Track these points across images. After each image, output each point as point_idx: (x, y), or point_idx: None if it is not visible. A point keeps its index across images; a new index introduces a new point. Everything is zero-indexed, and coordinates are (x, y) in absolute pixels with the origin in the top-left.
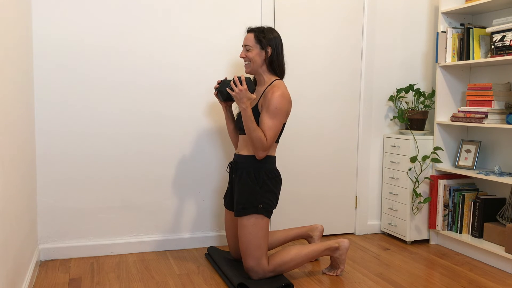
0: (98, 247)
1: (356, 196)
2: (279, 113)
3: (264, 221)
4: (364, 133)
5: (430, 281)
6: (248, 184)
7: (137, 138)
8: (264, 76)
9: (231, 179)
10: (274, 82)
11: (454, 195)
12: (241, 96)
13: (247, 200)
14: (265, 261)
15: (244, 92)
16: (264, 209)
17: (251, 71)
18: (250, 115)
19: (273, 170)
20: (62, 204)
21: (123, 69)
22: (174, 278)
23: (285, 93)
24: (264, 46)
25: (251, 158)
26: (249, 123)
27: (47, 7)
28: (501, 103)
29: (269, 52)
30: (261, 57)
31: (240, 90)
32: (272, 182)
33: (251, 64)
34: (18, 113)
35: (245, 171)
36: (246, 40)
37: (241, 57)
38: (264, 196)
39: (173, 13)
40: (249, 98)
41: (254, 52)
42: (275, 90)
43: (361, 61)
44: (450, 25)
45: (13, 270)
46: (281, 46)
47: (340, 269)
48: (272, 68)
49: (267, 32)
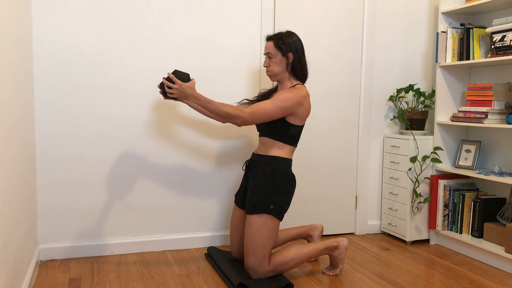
0: (98, 247)
1: (356, 196)
2: (282, 103)
3: (274, 222)
4: (364, 133)
5: (430, 281)
6: (262, 184)
7: (137, 138)
8: (288, 82)
9: (246, 177)
10: (296, 85)
11: (454, 195)
12: (181, 93)
13: (259, 199)
14: (267, 261)
15: (183, 88)
16: (275, 210)
17: (276, 79)
18: (202, 98)
19: (288, 172)
20: (62, 204)
21: (123, 70)
22: (174, 278)
23: (300, 95)
24: (284, 53)
25: (268, 158)
26: (206, 104)
27: (47, 8)
28: (501, 103)
29: (290, 58)
30: (283, 64)
31: (176, 89)
32: (287, 185)
33: (274, 73)
34: (18, 114)
35: (261, 170)
36: (267, 48)
37: (265, 66)
38: (276, 197)
39: (172, 14)
40: (189, 87)
41: (276, 60)
42: (292, 89)
43: (361, 61)
44: (450, 25)
45: (13, 270)
46: (302, 48)
47: (339, 269)
48: (295, 73)
49: (286, 38)
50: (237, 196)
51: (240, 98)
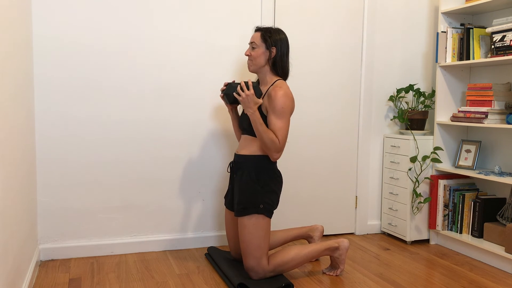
0: (98, 247)
1: (356, 196)
2: (286, 112)
3: (265, 221)
4: (364, 133)
5: (430, 281)
6: (249, 184)
7: (137, 138)
8: (267, 76)
9: (231, 179)
10: (276, 82)
11: (454, 195)
12: (248, 101)
13: (248, 200)
14: (265, 261)
15: (252, 97)
16: (265, 209)
17: (254, 70)
18: (258, 118)
19: (274, 170)
20: (62, 204)
21: (123, 71)
22: (174, 278)
23: (288, 92)
24: (268, 46)
25: (252, 158)
26: (258, 126)
27: (47, 8)
28: (501, 103)
29: (273, 52)
30: (265, 56)
31: (247, 95)
32: (274, 182)
33: (254, 63)
34: (19, 114)
35: (246, 171)
36: (253, 38)
37: (246, 55)
38: (265, 196)
39: (173, 14)
40: (256, 103)
41: (259, 51)
42: (278, 90)
43: (361, 61)
44: (450, 25)
45: (13, 270)
46: (287, 48)
47: (340, 269)
48: (275, 69)
49: (274, 33)
50: (226, 198)
51: None
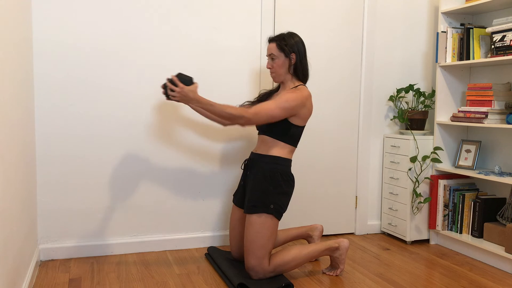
0: (98, 247)
1: (356, 196)
2: (285, 105)
3: (273, 222)
4: (364, 133)
5: (430, 281)
6: (262, 183)
7: (137, 138)
8: (290, 83)
9: (244, 177)
10: (298, 86)
11: (454, 195)
12: (184, 96)
13: (258, 198)
14: (267, 261)
15: (185, 91)
16: (275, 210)
17: (279, 80)
18: (205, 101)
19: (288, 173)
20: (62, 204)
21: (124, 71)
22: (174, 278)
23: (303, 96)
24: (287, 54)
25: (268, 158)
26: (210, 107)
27: (47, 8)
28: (501, 103)
29: (293, 59)
30: (286, 65)
31: (178, 92)
32: (286, 185)
33: (277, 74)
34: (19, 114)
35: (261, 170)
36: (269, 50)
37: (268, 68)
38: (276, 197)
39: (172, 14)
40: (191, 91)
41: (279, 61)
42: (295, 90)
43: (361, 61)
44: (450, 25)
45: (13, 270)
46: (304, 49)
47: (340, 269)
48: (297, 74)
49: (288, 39)
50: (236, 195)
51: (240, 97)
